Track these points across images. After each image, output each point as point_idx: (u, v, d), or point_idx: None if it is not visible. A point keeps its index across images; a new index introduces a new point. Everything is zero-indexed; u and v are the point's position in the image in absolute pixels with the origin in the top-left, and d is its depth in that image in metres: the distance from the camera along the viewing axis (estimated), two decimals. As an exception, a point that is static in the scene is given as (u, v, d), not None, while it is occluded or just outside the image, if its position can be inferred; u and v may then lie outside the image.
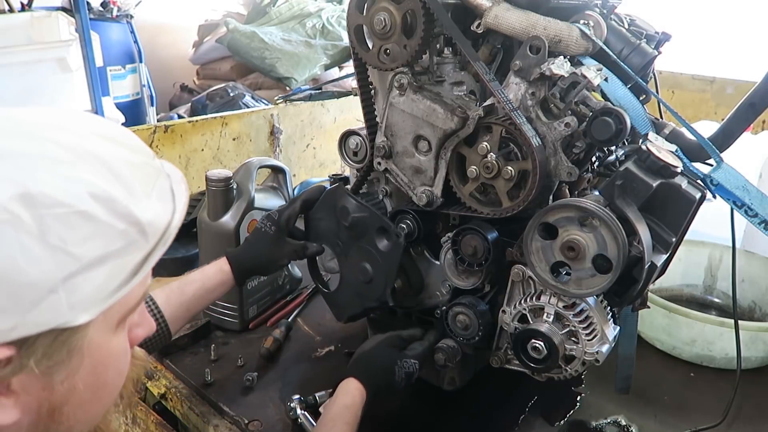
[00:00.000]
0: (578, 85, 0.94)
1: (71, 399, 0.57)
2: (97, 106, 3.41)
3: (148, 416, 1.32)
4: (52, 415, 0.57)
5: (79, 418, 0.59)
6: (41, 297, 0.49)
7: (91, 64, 3.35)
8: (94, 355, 0.57)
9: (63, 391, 0.56)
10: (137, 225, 0.55)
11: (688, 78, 2.39)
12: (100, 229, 0.52)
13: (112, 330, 0.59)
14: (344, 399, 1.02)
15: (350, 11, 1.08)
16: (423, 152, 1.09)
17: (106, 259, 0.53)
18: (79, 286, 0.51)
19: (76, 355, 0.55)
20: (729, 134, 1.05)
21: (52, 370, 0.54)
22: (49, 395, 0.55)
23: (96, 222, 0.52)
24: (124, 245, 0.54)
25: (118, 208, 0.54)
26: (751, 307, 1.61)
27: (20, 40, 3.15)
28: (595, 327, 0.98)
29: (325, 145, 2.56)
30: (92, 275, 0.52)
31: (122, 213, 0.54)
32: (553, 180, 0.99)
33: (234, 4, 4.86)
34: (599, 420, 1.22)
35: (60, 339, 0.53)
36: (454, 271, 1.13)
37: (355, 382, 1.04)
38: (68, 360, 0.54)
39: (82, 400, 0.58)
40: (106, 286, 0.53)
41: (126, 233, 0.54)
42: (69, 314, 0.51)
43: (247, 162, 1.61)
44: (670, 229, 0.95)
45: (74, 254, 0.51)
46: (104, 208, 0.53)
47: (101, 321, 0.56)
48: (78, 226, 0.51)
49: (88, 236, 0.51)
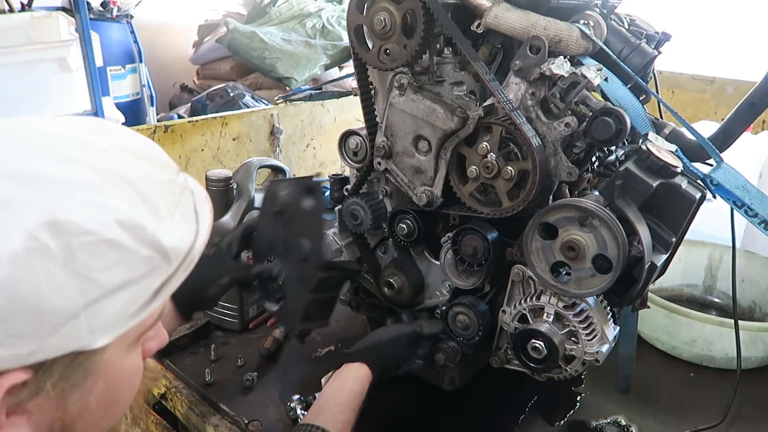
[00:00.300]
0: (578, 85, 0.94)
1: (83, 417, 0.57)
2: (97, 106, 3.41)
3: (148, 416, 1.32)
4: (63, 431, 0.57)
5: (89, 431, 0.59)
6: (62, 323, 0.49)
7: (91, 64, 3.35)
8: (109, 374, 0.57)
9: (76, 410, 0.56)
10: (161, 251, 0.55)
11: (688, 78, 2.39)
12: (124, 256, 0.52)
13: (128, 348, 0.59)
14: (354, 386, 1.01)
15: (350, 11, 1.08)
16: (423, 152, 1.09)
17: (128, 285, 0.53)
18: (100, 311, 0.51)
19: (91, 376, 0.55)
20: (729, 134, 1.05)
21: (67, 392, 0.54)
22: (62, 414, 0.55)
23: (122, 249, 0.52)
24: (147, 270, 0.54)
25: (144, 235, 0.54)
26: (751, 307, 1.61)
27: (20, 40, 3.14)
28: (595, 327, 0.98)
29: (325, 145, 2.56)
30: (113, 300, 0.52)
31: (148, 240, 0.54)
32: (553, 180, 0.99)
33: (234, 4, 4.86)
34: (599, 420, 1.22)
35: (77, 362, 0.53)
36: (454, 271, 1.13)
37: (367, 371, 1.03)
38: (84, 382, 0.55)
39: (94, 417, 0.58)
40: (126, 310, 0.54)
41: (150, 259, 0.54)
42: (88, 338, 0.51)
43: (247, 162, 1.61)
44: (670, 229, 0.95)
45: (98, 281, 0.51)
46: (131, 235, 0.53)
47: (118, 341, 0.56)
48: (104, 254, 0.51)
49: (112, 264, 0.52)
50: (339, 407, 0.95)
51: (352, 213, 1.22)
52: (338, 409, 0.95)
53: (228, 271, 1.11)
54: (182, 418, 1.27)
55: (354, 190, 1.25)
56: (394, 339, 1.11)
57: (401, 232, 1.15)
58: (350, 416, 0.95)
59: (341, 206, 1.25)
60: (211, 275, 1.10)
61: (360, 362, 1.04)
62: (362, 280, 1.33)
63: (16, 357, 0.48)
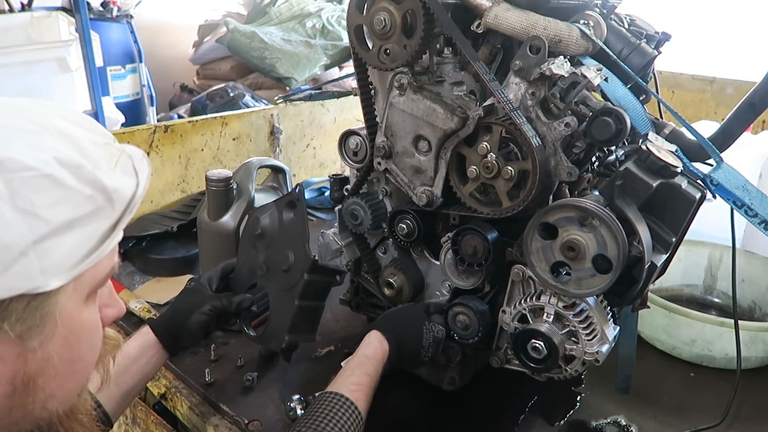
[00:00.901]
0: (578, 85, 0.94)
1: (46, 370, 0.58)
2: (97, 106, 3.41)
3: (148, 416, 1.32)
4: (26, 387, 0.57)
5: (54, 391, 0.60)
6: (13, 260, 0.50)
7: (91, 64, 3.35)
8: (67, 324, 0.58)
9: (37, 360, 0.57)
10: (104, 191, 0.57)
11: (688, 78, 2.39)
12: (67, 193, 0.54)
13: (83, 301, 0.60)
14: (365, 350, 1.02)
15: (350, 11, 1.08)
16: (423, 152, 1.09)
17: (75, 225, 0.54)
18: (50, 250, 0.53)
19: (49, 321, 0.56)
20: (729, 134, 1.05)
21: (25, 336, 0.55)
22: (23, 365, 0.56)
23: (63, 186, 0.54)
24: (92, 211, 0.56)
25: (84, 174, 0.56)
26: (751, 307, 1.61)
27: (20, 40, 3.14)
28: (595, 327, 0.98)
29: (325, 145, 2.56)
30: (62, 240, 0.53)
31: (89, 179, 0.56)
32: (553, 180, 0.99)
33: (234, 4, 4.86)
34: (599, 420, 1.22)
35: (33, 304, 0.54)
36: (454, 271, 1.13)
37: (378, 335, 1.04)
38: (41, 326, 0.56)
39: (56, 371, 0.59)
40: (76, 253, 0.55)
41: (93, 199, 0.56)
42: (40, 279, 0.52)
43: (247, 162, 1.61)
44: (670, 229, 0.95)
45: (43, 217, 0.52)
46: (71, 173, 0.54)
47: (72, 290, 0.57)
48: (46, 190, 0.53)
49: (56, 200, 0.53)
50: (350, 371, 0.97)
51: (352, 213, 1.22)
52: (349, 373, 0.97)
53: (208, 300, 1.13)
54: (182, 418, 1.27)
55: (354, 190, 1.25)
56: (404, 307, 1.13)
57: (401, 232, 1.15)
58: (363, 379, 0.96)
59: (341, 206, 1.25)
60: (192, 306, 1.12)
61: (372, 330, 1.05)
62: (362, 280, 1.34)
63: None
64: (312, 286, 1.19)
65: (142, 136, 1.94)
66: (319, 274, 1.19)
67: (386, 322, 1.08)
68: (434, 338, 1.08)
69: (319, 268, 1.19)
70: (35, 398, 0.58)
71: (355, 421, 0.91)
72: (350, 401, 0.92)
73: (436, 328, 1.09)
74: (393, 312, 1.13)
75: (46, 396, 0.59)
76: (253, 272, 1.24)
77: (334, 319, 1.55)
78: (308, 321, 1.23)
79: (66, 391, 0.63)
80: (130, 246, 1.81)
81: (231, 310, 1.16)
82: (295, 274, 1.18)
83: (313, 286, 1.19)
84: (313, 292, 1.21)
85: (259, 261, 1.24)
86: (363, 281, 1.33)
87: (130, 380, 1.03)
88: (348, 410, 0.91)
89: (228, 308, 1.15)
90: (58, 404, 0.62)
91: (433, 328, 1.09)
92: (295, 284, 1.18)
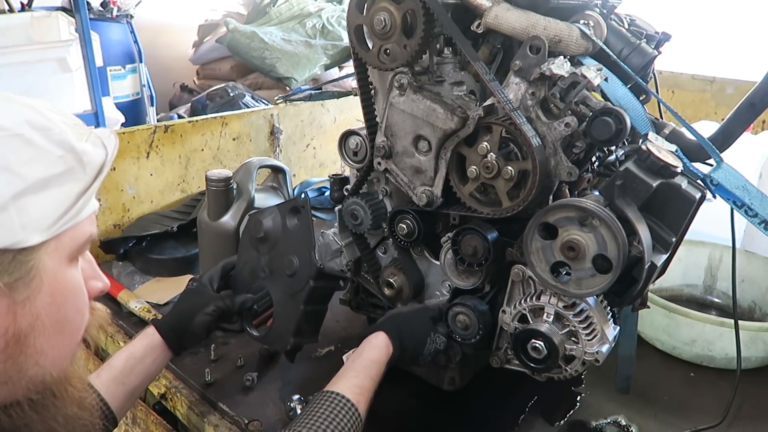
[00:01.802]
0: (578, 85, 0.94)
1: (35, 327, 0.62)
2: (97, 106, 3.41)
3: (148, 416, 1.32)
4: (18, 342, 0.61)
5: (44, 348, 0.64)
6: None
7: (91, 64, 3.35)
8: (51, 282, 0.63)
9: (26, 316, 0.61)
10: (74, 152, 0.63)
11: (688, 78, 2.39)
12: (39, 152, 0.60)
13: (65, 262, 0.65)
14: (370, 353, 1.01)
15: (350, 11, 1.08)
16: (423, 152, 1.09)
17: (49, 183, 0.60)
18: (28, 206, 0.58)
19: (34, 276, 0.61)
20: (729, 134, 1.04)
21: (13, 287, 0.59)
22: (13, 320, 0.61)
23: (35, 146, 0.60)
24: (64, 171, 0.62)
25: (53, 136, 0.61)
26: (751, 307, 1.61)
27: (20, 40, 3.14)
28: (595, 327, 0.98)
29: (325, 145, 2.56)
30: (39, 198, 0.59)
31: (59, 140, 0.62)
32: (553, 180, 0.99)
33: (234, 4, 4.86)
34: (599, 420, 1.22)
35: (18, 258, 0.59)
36: (454, 271, 1.13)
37: (385, 339, 1.04)
38: (27, 278, 0.60)
39: (45, 329, 0.63)
40: (52, 211, 0.61)
41: (64, 159, 0.62)
42: (21, 233, 0.58)
43: (247, 162, 1.61)
44: (670, 229, 0.95)
45: (19, 173, 0.58)
46: (41, 135, 0.60)
47: (53, 249, 0.62)
48: (19, 149, 0.58)
49: (29, 159, 0.59)
50: (355, 373, 0.97)
51: (352, 213, 1.22)
52: (354, 375, 0.97)
53: (212, 300, 1.14)
54: (182, 418, 1.27)
55: (354, 190, 1.25)
56: (413, 311, 1.13)
57: (401, 232, 1.15)
58: (366, 382, 0.96)
59: (341, 206, 1.25)
60: (196, 307, 1.13)
61: (378, 332, 1.05)
62: (362, 280, 1.34)
63: None
64: (317, 292, 1.20)
65: (142, 136, 1.94)
66: (323, 280, 1.20)
67: (394, 326, 1.07)
68: (435, 349, 1.09)
69: (324, 276, 1.20)
70: (27, 354, 0.63)
71: (354, 424, 0.91)
72: (351, 403, 0.92)
73: (439, 339, 1.10)
74: (401, 315, 1.12)
75: (37, 352, 0.63)
76: (255, 273, 1.25)
77: (334, 319, 1.55)
78: (312, 324, 1.24)
79: (57, 351, 0.66)
80: (130, 246, 1.81)
81: (233, 309, 1.17)
82: (301, 279, 1.18)
83: (318, 292, 1.21)
84: (318, 297, 1.22)
85: (262, 263, 1.24)
86: (363, 281, 1.33)
87: (136, 380, 1.05)
88: (349, 412, 0.91)
89: (231, 308, 1.16)
90: (51, 364, 0.66)
91: (437, 339, 1.09)
92: (300, 289, 1.18)
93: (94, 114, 3.39)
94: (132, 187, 1.96)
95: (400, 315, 1.12)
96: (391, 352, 1.03)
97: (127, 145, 1.85)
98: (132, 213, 1.97)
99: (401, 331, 1.06)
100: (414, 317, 1.11)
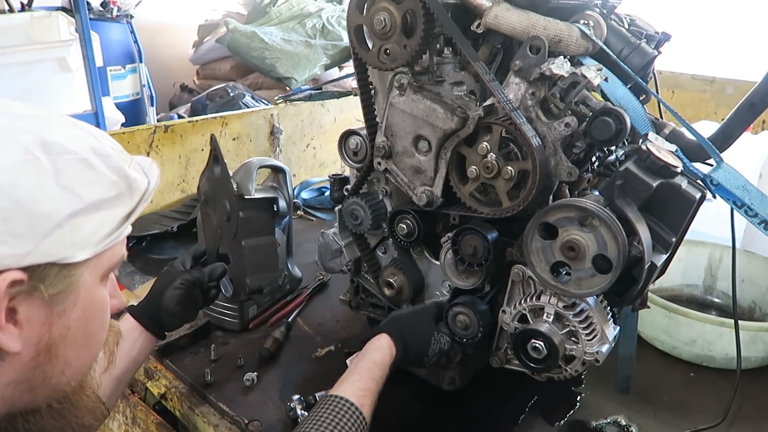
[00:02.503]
0: (578, 85, 0.94)
1: (65, 338, 0.65)
2: (97, 106, 3.41)
3: (148, 416, 1.32)
4: (48, 352, 0.64)
5: (70, 360, 0.67)
6: (52, 229, 0.59)
7: (91, 64, 3.35)
8: (86, 297, 0.66)
9: (59, 328, 0.64)
10: (126, 179, 0.67)
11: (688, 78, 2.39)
12: (98, 177, 0.64)
13: (99, 280, 0.69)
14: (374, 355, 1.02)
15: (350, 11, 1.08)
16: (423, 152, 1.09)
17: (101, 206, 0.64)
18: (80, 225, 0.62)
19: (74, 290, 0.64)
20: (729, 134, 1.04)
21: (54, 300, 0.63)
22: (48, 330, 0.63)
23: (95, 171, 0.64)
24: (116, 195, 0.66)
25: (112, 163, 0.66)
26: (751, 307, 1.61)
27: (20, 40, 3.15)
28: (595, 327, 0.98)
29: (325, 145, 2.56)
30: (90, 218, 0.63)
31: (115, 167, 0.66)
32: (553, 180, 0.99)
33: (234, 4, 4.86)
34: (599, 420, 1.22)
35: (63, 272, 0.62)
36: (454, 271, 1.13)
37: (388, 340, 1.04)
38: (68, 293, 0.64)
39: (74, 341, 0.67)
40: (99, 231, 0.64)
41: (117, 185, 0.66)
42: (71, 249, 0.61)
43: (247, 162, 1.60)
44: (670, 229, 0.95)
45: (79, 195, 0.62)
46: (102, 161, 0.65)
47: (93, 266, 0.66)
48: (82, 172, 0.63)
49: (89, 181, 0.63)
50: (358, 376, 0.98)
51: (352, 213, 1.22)
52: (357, 377, 0.97)
53: (179, 275, 1.16)
54: (182, 418, 1.27)
55: (354, 190, 1.25)
56: (415, 312, 1.13)
57: (401, 232, 1.15)
58: (370, 384, 0.97)
59: (341, 206, 1.25)
60: (165, 285, 1.15)
61: (381, 333, 1.05)
62: (362, 280, 1.34)
63: (16, 256, 0.58)
64: (251, 223, 1.20)
65: (142, 136, 1.94)
66: (251, 208, 1.21)
67: (396, 327, 1.07)
68: (440, 349, 1.09)
69: (249, 202, 1.20)
70: (54, 364, 0.66)
71: (359, 426, 0.91)
72: (356, 407, 0.92)
73: (443, 339, 1.10)
74: (404, 316, 1.12)
75: (64, 363, 0.66)
76: (216, 241, 1.25)
77: (334, 319, 1.55)
78: (264, 259, 1.23)
79: (80, 363, 0.70)
80: (130, 246, 1.81)
81: (205, 280, 1.18)
82: (234, 218, 1.19)
83: (253, 223, 1.21)
84: (255, 228, 1.22)
85: (215, 225, 1.24)
86: (363, 281, 1.33)
87: (119, 364, 1.06)
88: (353, 416, 0.91)
89: (201, 279, 1.17)
90: (73, 374, 0.69)
91: (441, 339, 1.09)
92: (237, 228, 1.19)
93: (94, 114, 3.40)
94: (132, 187, 1.96)
95: (403, 316, 1.12)
96: (394, 354, 1.03)
97: (127, 145, 1.85)
98: (132, 213, 1.97)
99: (404, 332, 1.06)
100: (416, 318, 1.11)
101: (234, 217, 1.20)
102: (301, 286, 1.69)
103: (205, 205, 1.26)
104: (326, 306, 1.61)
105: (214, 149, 1.23)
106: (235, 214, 1.19)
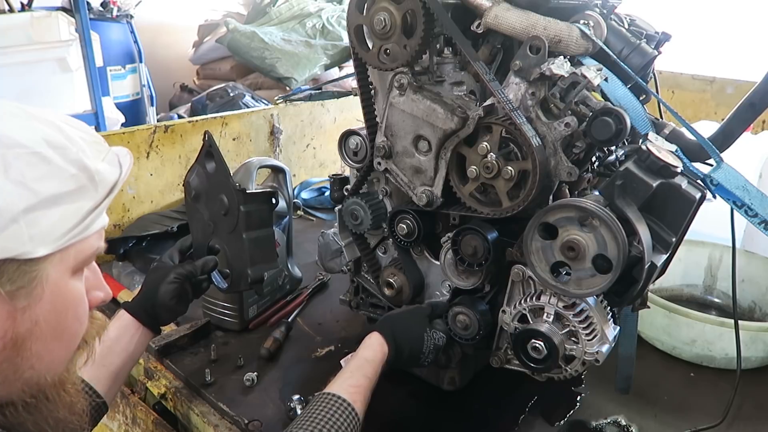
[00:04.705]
0: (578, 85, 0.94)
1: (33, 332, 0.64)
2: (97, 106, 3.41)
3: (148, 416, 1.32)
4: (15, 345, 0.63)
5: (40, 353, 0.66)
6: (5, 225, 0.57)
7: (91, 64, 3.35)
8: (53, 291, 0.64)
9: (25, 322, 0.63)
10: (87, 172, 0.64)
11: (688, 78, 2.39)
12: (54, 170, 0.62)
13: (69, 274, 0.66)
14: (365, 353, 1.03)
15: (350, 11, 1.08)
16: (423, 152, 1.09)
17: (61, 200, 0.62)
18: (38, 220, 0.60)
19: (37, 286, 0.62)
20: (729, 134, 1.04)
21: (15, 295, 0.61)
22: (12, 324, 0.62)
23: (50, 164, 0.61)
24: (76, 189, 0.63)
25: (69, 155, 0.63)
26: (751, 307, 1.61)
27: (20, 40, 3.14)
28: (595, 327, 0.98)
29: (325, 145, 2.56)
30: (49, 212, 0.61)
31: (73, 159, 0.63)
32: (553, 180, 0.99)
33: (234, 4, 4.87)
34: (599, 420, 1.22)
35: (23, 268, 0.61)
36: (454, 271, 1.13)
37: (379, 338, 1.05)
38: (29, 288, 0.62)
39: (43, 335, 0.65)
40: (61, 226, 0.62)
41: (77, 178, 0.63)
42: (29, 244, 0.59)
43: (247, 162, 1.61)
44: (670, 229, 0.95)
45: (33, 189, 0.59)
46: (57, 153, 0.62)
47: (58, 261, 0.64)
48: (35, 165, 0.60)
49: (44, 175, 0.61)
50: (350, 373, 0.99)
51: (352, 213, 1.22)
52: (348, 375, 0.98)
53: (172, 270, 1.17)
54: (182, 418, 1.27)
55: (354, 190, 1.25)
56: (406, 311, 1.14)
57: (401, 232, 1.15)
58: (362, 381, 0.97)
59: (341, 206, 1.25)
60: (158, 279, 1.15)
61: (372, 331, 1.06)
62: (362, 280, 1.34)
63: None
64: (252, 216, 1.23)
65: (142, 136, 1.94)
66: (253, 202, 1.23)
67: (387, 325, 1.08)
68: (435, 345, 1.09)
69: (250, 196, 1.23)
70: (23, 357, 0.64)
71: (352, 422, 0.91)
72: (347, 402, 0.92)
73: (437, 335, 1.10)
74: (395, 315, 1.13)
75: (33, 356, 0.65)
76: (207, 235, 1.26)
77: (334, 319, 1.55)
78: (263, 250, 1.26)
79: (53, 356, 0.68)
80: (130, 246, 1.81)
81: (197, 273, 1.19)
82: (233, 212, 1.22)
83: (254, 216, 1.23)
84: (256, 221, 1.25)
85: (206, 220, 1.27)
86: (363, 281, 1.33)
87: (117, 360, 1.07)
88: (345, 412, 0.91)
89: (194, 272, 1.18)
90: (46, 368, 0.67)
91: (434, 335, 1.09)
92: (236, 222, 1.21)
93: (94, 114, 3.40)
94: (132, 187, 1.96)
95: (394, 315, 1.13)
96: (386, 351, 1.04)
97: (127, 145, 1.85)
98: (132, 213, 1.97)
99: (395, 330, 1.07)
100: (408, 316, 1.12)
101: (234, 211, 1.22)
102: (301, 286, 1.69)
103: (195, 201, 1.27)
104: (326, 306, 1.61)
105: (210, 145, 1.24)
106: (235, 207, 1.21)
